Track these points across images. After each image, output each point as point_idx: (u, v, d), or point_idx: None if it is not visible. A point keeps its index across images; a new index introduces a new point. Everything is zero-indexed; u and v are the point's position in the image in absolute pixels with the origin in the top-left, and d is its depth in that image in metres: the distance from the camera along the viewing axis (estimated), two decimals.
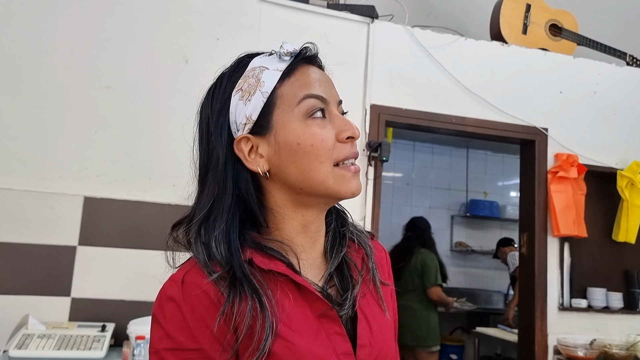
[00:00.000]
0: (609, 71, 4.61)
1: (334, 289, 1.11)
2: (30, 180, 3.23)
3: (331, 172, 1.05)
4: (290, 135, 1.04)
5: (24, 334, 2.81)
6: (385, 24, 4.05)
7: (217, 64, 1.11)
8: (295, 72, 1.08)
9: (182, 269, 1.03)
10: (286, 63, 1.08)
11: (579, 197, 4.27)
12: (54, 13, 3.38)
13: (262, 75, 1.06)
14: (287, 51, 1.07)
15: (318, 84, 1.07)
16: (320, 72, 1.11)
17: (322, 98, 1.06)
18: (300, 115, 1.05)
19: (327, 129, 1.06)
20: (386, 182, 7.86)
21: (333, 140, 1.05)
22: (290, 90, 1.06)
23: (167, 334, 0.96)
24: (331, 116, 1.08)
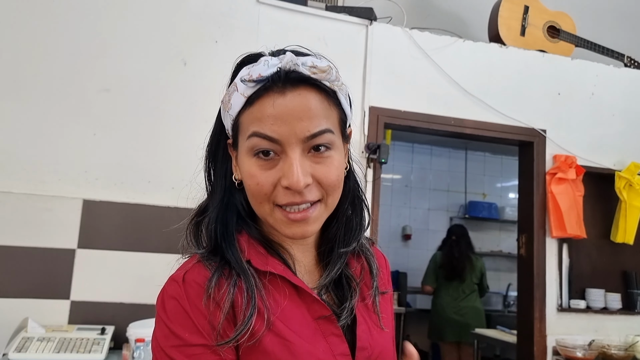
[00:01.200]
0: (607, 73, 4.61)
1: (329, 295, 1.11)
2: (29, 184, 3.23)
3: (270, 213, 1.02)
4: (241, 166, 1.04)
5: (23, 337, 2.81)
6: (383, 26, 4.06)
7: (215, 67, 1.11)
8: (256, 102, 0.99)
9: (181, 269, 1.03)
10: (252, 90, 0.99)
11: (578, 198, 4.28)
12: (53, 16, 3.39)
13: (232, 97, 1.02)
14: (250, 78, 0.98)
15: (272, 122, 0.97)
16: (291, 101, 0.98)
17: (270, 138, 0.97)
18: (247, 150, 1.00)
19: (270, 171, 0.99)
20: (385, 184, 7.86)
21: (273, 184, 0.99)
22: (246, 121, 1.00)
23: (172, 331, 0.96)
24: (284, 157, 0.99)
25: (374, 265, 1.18)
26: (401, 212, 8.09)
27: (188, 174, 1.19)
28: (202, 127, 1.19)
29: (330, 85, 1.02)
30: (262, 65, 0.99)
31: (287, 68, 0.98)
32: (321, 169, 1.01)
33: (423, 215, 8.22)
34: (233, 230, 1.07)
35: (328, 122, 1.01)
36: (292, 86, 0.98)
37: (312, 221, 1.02)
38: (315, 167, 1.00)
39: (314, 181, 1.00)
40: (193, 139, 3.46)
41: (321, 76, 1.00)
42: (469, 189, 8.41)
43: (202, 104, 3.49)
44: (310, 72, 0.99)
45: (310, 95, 0.99)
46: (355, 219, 1.15)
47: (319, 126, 0.99)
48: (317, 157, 1.00)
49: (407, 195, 8.19)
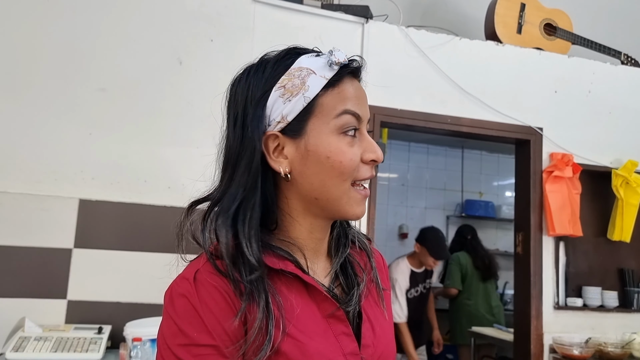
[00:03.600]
0: (603, 70, 4.62)
1: (339, 288, 1.13)
2: (25, 184, 3.22)
3: (347, 191, 1.07)
4: (321, 147, 1.05)
5: (20, 336, 2.81)
6: (379, 24, 4.06)
7: (211, 66, 1.10)
8: (340, 84, 1.07)
9: (192, 267, 1.02)
10: (333, 72, 1.07)
11: (574, 196, 4.28)
12: (48, 15, 3.38)
13: (308, 79, 1.05)
14: (338, 61, 1.06)
15: (357, 101, 1.08)
16: (361, 88, 1.12)
17: (358, 116, 1.07)
18: (335, 128, 1.05)
19: (355, 147, 1.06)
20: (382, 182, 7.87)
21: (359, 159, 1.07)
22: (332, 101, 1.06)
23: (180, 329, 0.95)
24: (361, 135, 1.08)
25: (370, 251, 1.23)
26: (398, 211, 8.10)
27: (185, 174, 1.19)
28: (198, 126, 1.19)
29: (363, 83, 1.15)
30: (341, 53, 1.08)
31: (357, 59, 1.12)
32: None
33: (420, 214, 8.23)
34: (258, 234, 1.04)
35: None
36: (357, 75, 1.13)
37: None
38: None
39: None
40: (189, 138, 3.47)
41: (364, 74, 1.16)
42: (466, 188, 8.42)
43: (198, 102, 3.49)
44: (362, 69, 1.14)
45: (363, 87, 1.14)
46: None
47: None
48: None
49: (404, 194, 8.20)
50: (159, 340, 0.99)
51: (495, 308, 5.88)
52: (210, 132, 1.14)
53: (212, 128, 1.13)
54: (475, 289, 5.99)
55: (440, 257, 5.16)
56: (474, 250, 6.17)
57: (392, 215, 8.00)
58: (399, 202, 8.12)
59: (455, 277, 6.06)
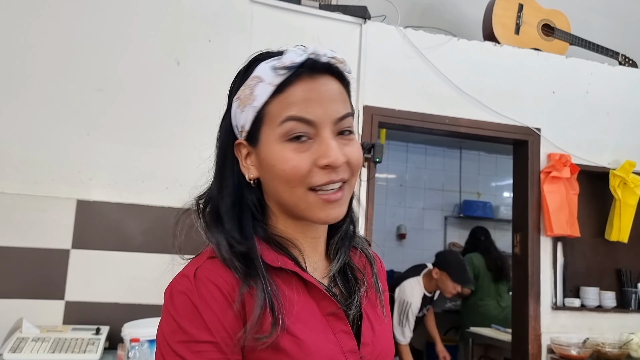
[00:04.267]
0: (601, 71, 4.62)
1: (337, 289, 1.13)
2: (22, 184, 3.22)
3: (303, 197, 1.04)
4: (269, 155, 1.04)
5: (18, 337, 2.81)
6: (377, 24, 4.06)
7: (209, 66, 1.10)
8: (287, 89, 1.03)
9: (192, 265, 1.03)
10: (281, 77, 1.03)
11: (572, 197, 4.28)
12: (46, 16, 3.38)
13: (256, 89, 1.04)
14: (282, 65, 1.02)
15: (306, 104, 1.02)
16: (322, 86, 1.05)
17: (306, 120, 1.02)
18: (279, 136, 1.03)
19: (305, 153, 1.02)
20: (380, 183, 7.87)
21: (309, 166, 1.02)
22: (277, 109, 1.03)
23: (180, 326, 0.96)
24: (318, 138, 1.03)
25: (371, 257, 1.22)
26: (396, 212, 8.09)
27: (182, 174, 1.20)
28: (196, 126, 1.19)
29: (346, 76, 1.11)
30: (293, 53, 1.03)
31: (314, 56, 1.04)
32: (349, 150, 1.06)
33: (418, 215, 8.22)
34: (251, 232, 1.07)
35: (348, 108, 1.09)
36: (319, 73, 1.05)
37: (343, 202, 1.07)
38: (345, 148, 1.05)
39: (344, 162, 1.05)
40: (187, 138, 3.47)
41: (341, 66, 1.08)
42: (464, 188, 8.41)
43: (196, 103, 3.49)
44: (331, 62, 1.07)
45: (334, 82, 1.07)
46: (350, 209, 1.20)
47: (346, 109, 1.07)
48: (344, 139, 1.06)
49: (402, 194, 8.19)
50: (158, 337, 1.00)
51: (507, 309, 5.88)
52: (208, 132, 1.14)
53: (210, 128, 1.13)
54: (487, 290, 6.03)
55: (464, 282, 4.89)
56: (486, 251, 6.22)
57: (390, 216, 8.00)
58: (397, 202, 8.12)
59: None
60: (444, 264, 4.86)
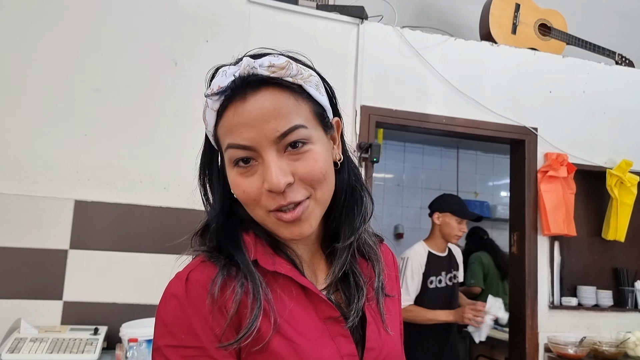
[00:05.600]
0: (598, 70, 4.63)
1: (338, 293, 1.11)
2: (20, 185, 3.22)
3: (265, 218, 1.02)
4: (228, 177, 1.04)
5: (16, 338, 2.81)
6: (374, 24, 4.06)
7: (206, 66, 1.07)
8: (223, 115, 1.00)
9: (187, 267, 1.03)
10: (218, 102, 1.00)
11: (569, 196, 4.29)
12: (43, 16, 3.37)
13: (206, 114, 1.04)
14: (212, 92, 0.99)
15: (240, 130, 0.97)
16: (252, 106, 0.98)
17: (244, 147, 0.98)
18: (228, 161, 1.01)
19: (253, 177, 1.00)
20: (377, 183, 7.87)
21: (257, 190, 0.99)
22: (221, 135, 1.02)
23: (170, 331, 0.96)
24: (262, 160, 0.99)
25: (377, 265, 1.16)
26: (393, 211, 8.09)
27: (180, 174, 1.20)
28: (194, 127, 1.20)
29: (293, 80, 1.00)
30: (221, 76, 0.99)
31: (245, 73, 0.98)
32: (301, 165, 1.00)
33: (415, 214, 8.22)
34: (238, 233, 1.06)
35: (300, 117, 1.00)
36: (252, 90, 0.98)
37: (306, 219, 1.02)
38: (295, 164, 0.99)
39: (296, 179, 0.99)
40: (185, 139, 3.47)
41: (280, 73, 0.99)
42: (461, 188, 8.41)
43: (194, 103, 3.48)
44: (269, 72, 0.98)
45: (273, 95, 0.99)
46: (357, 209, 1.14)
47: (289, 123, 0.98)
48: (295, 154, 1.00)
49: (399, 194, 8.19)
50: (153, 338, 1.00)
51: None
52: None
53: None
54: (496, 288, 6.05)
55: (466, 215, 4.27)
56: (492, 249, 6.24)
57: (387, 216, 8.00)
58: (394, 202, 8.12)
59: (478, 276, 6.13)
60: (442, 204, 4.36)
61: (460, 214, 4.25)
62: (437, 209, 4.34)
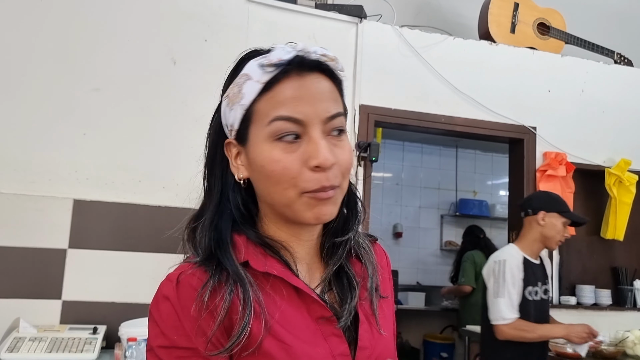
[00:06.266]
0: (597, 69, 4.63)
1: (332, 293, 1.10)
2: (19, 184, 3.22)
3: (296, 199, 1.00)
4: (258, 155, 1.01)
5: (15, 337, 2.81)
6: (373, 23, 4.06)
7: (205, 65, 1.08)
8: (275, 87, 1.00)
9: (178, 268, 1.02)
10: (269, 74, 0.99)
11: (568, 195, 4.29)
12: (42, 16, 3.37)
13: (244, 87, 1.01)
14: (269, 62, 0.99)
15: (295, 103, 0.98)
16: (311, 84, 1.01)
17: (295, 120, 0.98)
18: (268, 136, 0.99)
19: (295, 154, 0.99)
20: (376, 182, 7.87)
21: (299, 167, 0.98)
22: (265, 107, 1.00)
23: (162, 332, 0.96)
24: (308, 138, 0.99)
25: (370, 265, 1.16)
26: (392, 210, 8.09)
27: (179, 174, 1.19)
28: (192, 126, 1.19)
29: (338, 74, 1.06)
30: (280, 50, 1.01)
31: (303, 53, 1.01)
32: (340, 152, 1.01)
33: (414, 213, 8.23)
34: (227, 237, 1.05)
35: (339, 106, 1.04)
36: (309, 70, 1.01)
37: (333, 202, 1.03)
38: (335, 150, 1.01)
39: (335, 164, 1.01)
40: (183, 138, 3.47)
41: (332, 64, 1.04)
42: (460, 187, 8.42)
43: (192, 102, 3.49)
44: (323, 59, 1.03)
45: (324, 80, 1.03)
46: (350, 211, 1.16)
47: (337, 108, 1.02)
48: (336, 140, 1.02)
49: (398, 193, 8.20)
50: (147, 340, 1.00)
51: None
52: (204, 131, 1.13)
53: (206, 128, 1.12)
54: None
55: (579, 219, 3.62)
56: (487, 248, 6.23)
57: (386, 215, 8.00)
58: (393, 201, 8.12)
59: (469, 275, 6.10)
60: (550, 202, 3.63)
61: (569, 216, 3.59)
62: (543, 207, 3.60)
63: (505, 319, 3.30)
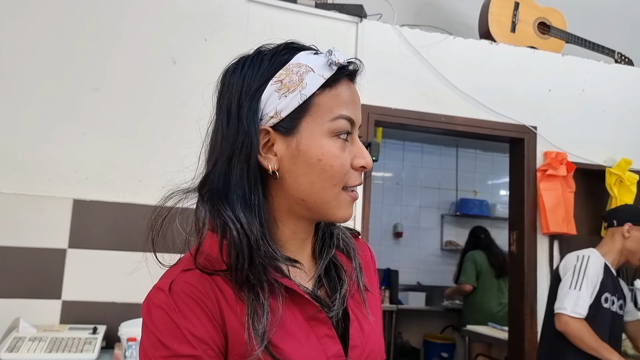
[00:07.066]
0: (597, 69, 4.63)
1: (323, 290, 1.11)
2: (19, 184, 3.21)
3: (338, 195, 1.04)
4: (313, 148, 1.01)
5: (15, 337, 2.81)
6: (373, 23, 4.06)
7: (205, 65, 1.08)
8: (338, 86, 1.04)
9: (167, 277, 1.01)
10: (332, 72, 1.03)
11: (568, 195, 4.29)
12: (41, 15, 3.37)
13: (306, 76, 1.02)
14: (338, 61, 1.03)
15: (353, 106, 1.05)
16: (356, 92, 1.09)
17: (352, 121, 1.04)
18: (328, 131, 1.02)
19: (346, 152, 1.04)
20: (376, 181, 7.87)
21: (349, 164, 1.04)
22: (328, 102, 1.02)
23: (161, 341, 0.95)
24: (352, 140, 1.06)
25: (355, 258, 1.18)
26: (392, 210, 8.10)
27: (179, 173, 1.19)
28: (193, 126, 1.18)
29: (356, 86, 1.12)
30: (339, 53, 1.05)
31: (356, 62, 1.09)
32: None
33: (414, 213, 8.23)
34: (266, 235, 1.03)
35: None
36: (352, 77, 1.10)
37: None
38: None
39: None
40: (183, 138, 3.45)
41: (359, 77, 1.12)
42: (460, 187, 8.43)
43: (192, 102, 3.48)
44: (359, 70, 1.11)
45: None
46: None
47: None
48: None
49: (398, 193, 8.20)
50: (140, 353, 0.99)
51: (506, 306, 5.92)
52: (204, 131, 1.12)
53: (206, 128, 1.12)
54: (490, 287, 6.05)
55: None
56: (487, 248, 6.28)
57: (386, 214, 8.00)
58: (393, 201, 8.12)
59: (470, 274, 6.14)
60: (636, 215, 3.42)
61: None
62: (631, 219, 3.40)
63: (573, 312, 3.10)
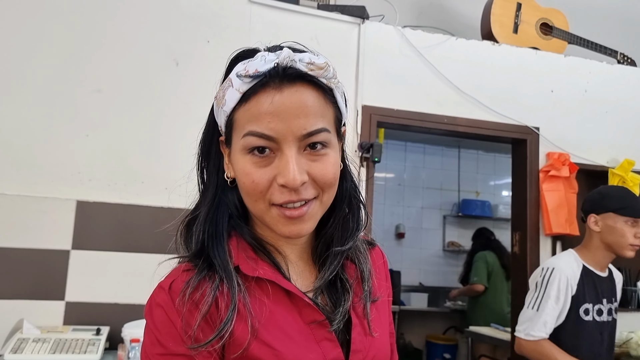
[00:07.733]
0: (600, 69, 4.62)
1: (323, 297, 1.09)
2: (22, 185, 3.22)
3: (266, 211, 1.00)
4: (235, 164, 1.02)
5: (18, 338, 2.81)
6: (376, 24, 4.06)
7: (207, 66, 1.09)
8: (252, 99, 0.97)
9: (170, 276, 1.02)
10: (247, 85, 0.97)
11: (571, 195, 4.28)
12: (45, 17, 3.37)
13: (227, 92, 1.00)
14: (247, 73, 0.96)
15: (269, 119, 0.95)
16: (288, 98, 0.96)
17: (267, 137, 0.96)
18: (241, 148, 0.98)
19: (266, 168, 0.98)
20: (378, 182, 7.88)
21: (268, 182, 0.98)
22: (242, 119, 0.98)
23: (157, 339, 0.96)
24: (280, 154, 0.97)
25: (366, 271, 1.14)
26: (394, 211, 8.10)
27: (181, 174, 1.19)
28: (195, 127, 1.18)
29: (327, 82, 1.00)
30: (259, 60, 0.97)
31: (285, 64, 0.96)
32: (317, 167, 0.99)
33: (416, 214, 8.24)
34: (223, 230, 1.05)
35: (324, 120, 1.00)
36: (289, 82, 0.96)
37: (308, 218, 1.01)
38: (312, 164, 0.99)
39: (309, 179, 0.99)
40: (186, 139, 3.45)
41: (318, 73, 0.98)
42: (462, 187, 8.43)
43: (195, 103, 3.48)
44: (307, 69, 0.97)
45: (307, 92, 0.98)
46: (352, 219, 1.13)
47: (315, 125, 0.97)
48: (314, 154, 0.99)
49: (400, 194, 8.21)
50: (141, 350, 1.00)
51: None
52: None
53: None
54: (500, 287, 6.04)
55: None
56: (499, 249, 6.25)
57: (388, 215, 8.01)
58: (395, 201, 8.13)
59: (482, 274, 6.12)
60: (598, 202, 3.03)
61: (631, 212, 2.92)
62: (591, 209, 3.05)
63: (526, 334, 2.88)
